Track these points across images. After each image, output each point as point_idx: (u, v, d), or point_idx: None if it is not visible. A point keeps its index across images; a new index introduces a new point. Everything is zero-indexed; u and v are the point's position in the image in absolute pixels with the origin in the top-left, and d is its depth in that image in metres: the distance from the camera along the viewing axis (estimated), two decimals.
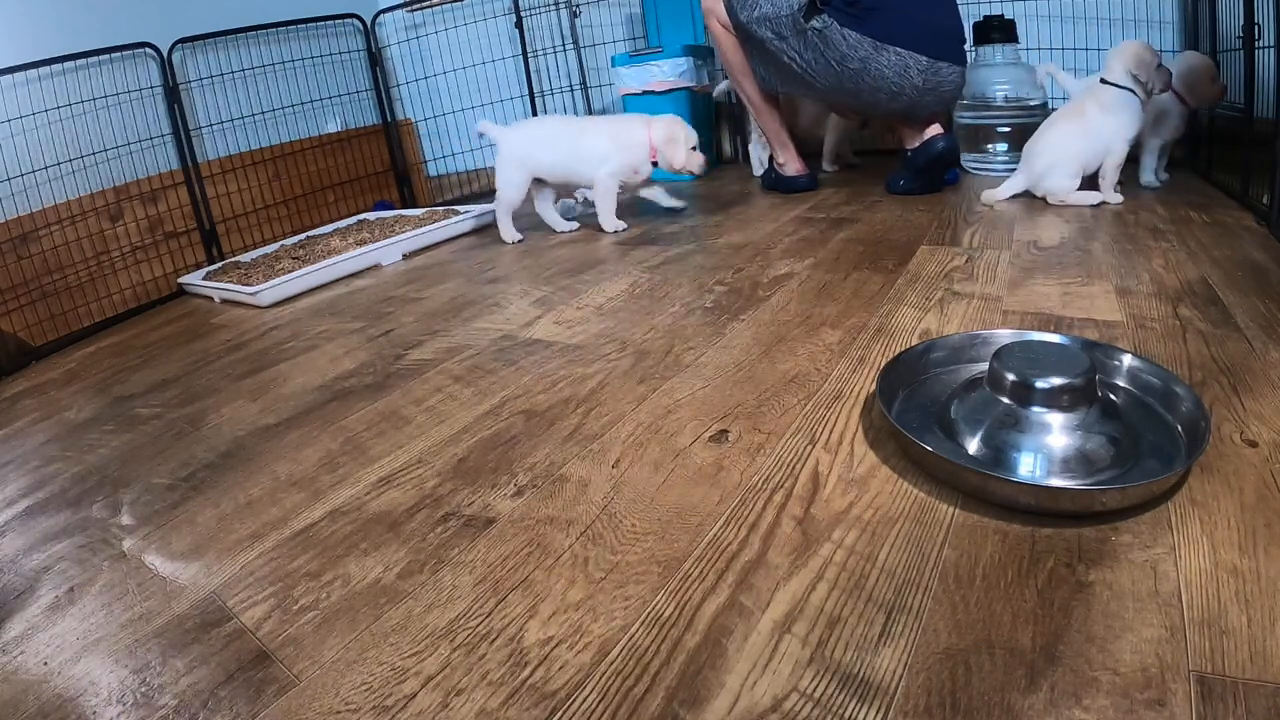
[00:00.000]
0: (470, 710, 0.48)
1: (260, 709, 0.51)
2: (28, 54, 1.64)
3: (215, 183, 2.04)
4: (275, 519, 0.74)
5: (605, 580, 0.58)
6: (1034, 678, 0.44)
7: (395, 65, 2.55)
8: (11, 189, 1.62)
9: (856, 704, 0.44)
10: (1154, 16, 1.78)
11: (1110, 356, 0.75)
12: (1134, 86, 1.40)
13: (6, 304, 1.59)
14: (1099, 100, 1.44)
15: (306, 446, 0.89)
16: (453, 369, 1.06)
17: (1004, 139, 1.84)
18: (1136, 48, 1.42)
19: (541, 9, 2.48)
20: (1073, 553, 0.54)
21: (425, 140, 2.65)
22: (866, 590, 0.53)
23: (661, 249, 1.54)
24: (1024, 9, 1.90)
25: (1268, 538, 0.53)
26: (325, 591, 0.62)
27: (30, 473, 0.97)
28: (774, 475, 0.68)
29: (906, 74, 1.59)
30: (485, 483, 0.75)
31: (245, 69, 2.12)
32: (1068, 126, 1.45)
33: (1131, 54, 1.41)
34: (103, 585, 0.69)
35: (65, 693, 0.56)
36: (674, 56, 2.15)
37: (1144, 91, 1.41)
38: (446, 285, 1.52)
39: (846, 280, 1.19)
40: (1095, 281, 1.05)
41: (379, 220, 2.12)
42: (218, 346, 1.38)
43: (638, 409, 0.85)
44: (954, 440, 0.66)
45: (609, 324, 1.14)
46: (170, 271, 1.92)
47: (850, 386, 0.84)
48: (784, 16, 1.66)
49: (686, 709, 0.45)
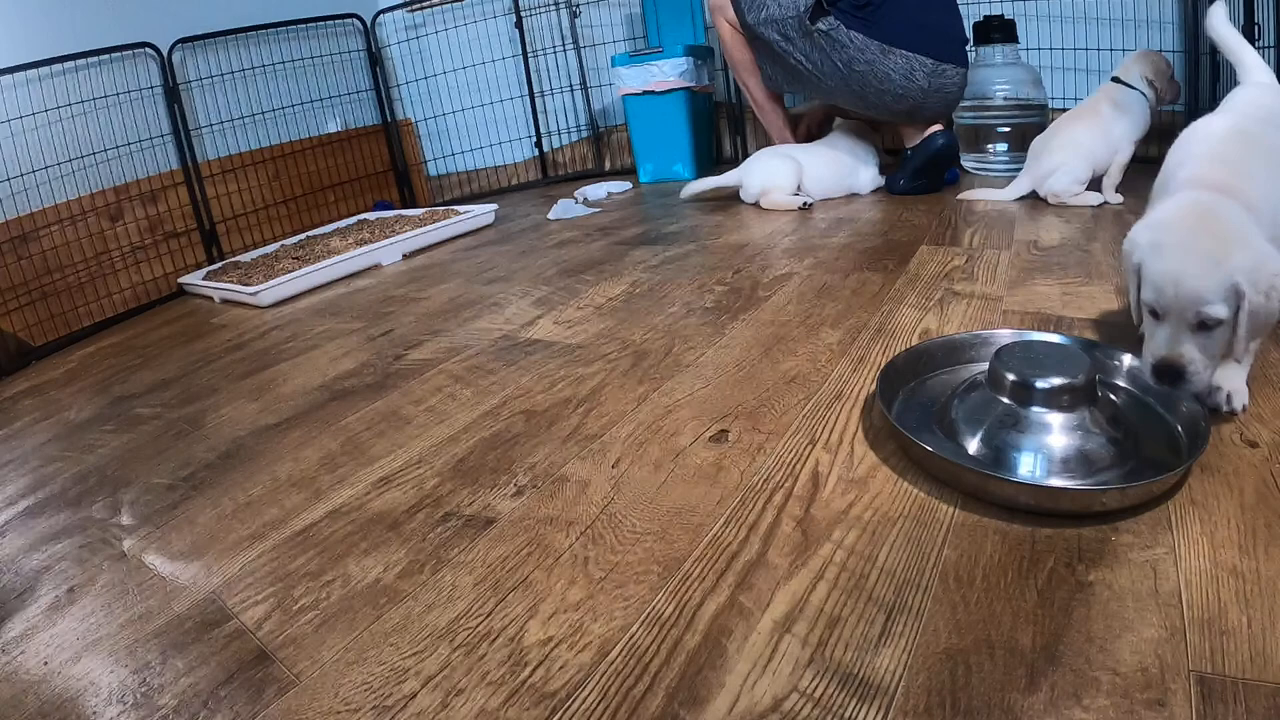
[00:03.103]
0: (470, 710, 0.48)
1: (260, 709, 0.51)
2: (28, 54, 1.64)
3: (215, 183, 2.04)
4: (275, 519, 0.74)
5: (605, 580, 0.58)
6: (1034, 678, 0.44)
7: (395, 65, 2.55)
8: (11, 189, 1.62)
9: (856, 704, 0.44)
10: (1154, 16, 1.77)
11: (1110, 356, 0.75)
12: (1146, 90, 1.43)
13: (6, 304, 1.58)
14: (1113, 98, 1.44)
15: (306, 446, 0.89)
16: (453, 369, 1.06)
17: (1004, 139, 1.84)
18: (1156, 57, 1.46)
19: (541, 9, 2.48)
20: (1073, 553, 0.54)
21: (425, 140, 2.65)
22: (866, 590, 0.53)
23: (661, 249, 1.54)
24: (1024, 9, 1.90)
25: (1268, 538, 0.53)
26: (325, 591, 0.62)
27: (30, 473, 0.97)
28: (774, 475, 0.68)
29: (912, 76, 1.59)
30: (485, 483, 0.74)
31: (245, 69, 2.12)
32: (1081, 125, 1.45)
33: (1151, 61, 1.44)
34: (103, 585, 0.69)
35: (65, 693, 0.56)
36: (674, 56, 2.15)
37: (1155, 98, 1.43)
38: (446, 285, 1.52)
39: (846, 280, 1.19)
40: (1095, 281, 1.05)
41: (379, 220, 2.12)
42: (218, 346, 1.38)
43: (638, 409, 0.85)
44: (954, 440, 0.66)
45: (609, 324, 1.14)
46: (170, 271, 1.92)
47: (850, 386, 0.83)
48: (790, 18, 1.66)
49: (686, 709, 0.45)
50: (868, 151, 1.85)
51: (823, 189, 1.79)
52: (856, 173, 1.82)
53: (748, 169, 1.82)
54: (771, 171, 1.77)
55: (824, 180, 1.79)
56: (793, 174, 1.75)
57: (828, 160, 1.80)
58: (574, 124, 2.61)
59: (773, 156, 1.81)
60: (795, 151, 1.81)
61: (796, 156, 1.78)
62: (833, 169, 1.80)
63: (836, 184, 1.80)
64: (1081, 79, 1.88)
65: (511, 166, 2.66)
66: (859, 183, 1.82)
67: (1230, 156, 0.69)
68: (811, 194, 1.77)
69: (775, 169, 1.77)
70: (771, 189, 1.75)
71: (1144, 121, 1.43)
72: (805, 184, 1.77)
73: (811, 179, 1.77)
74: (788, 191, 1.75)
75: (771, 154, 1.82)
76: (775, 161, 1.79)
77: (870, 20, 1.59)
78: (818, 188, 1.78)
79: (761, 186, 1.77)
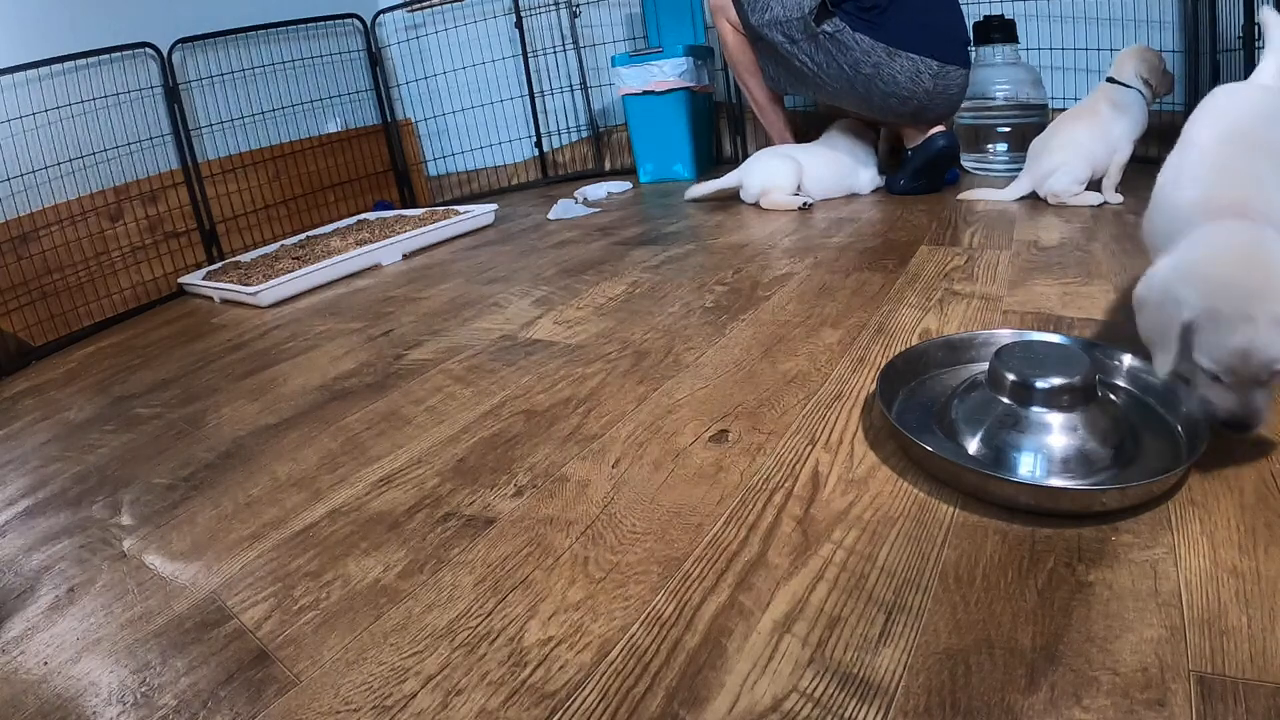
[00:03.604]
0: (470, 710, 0.48)
1: (260, 709, 0.51)
2: (28, 54, 1.64)
3: (215, 183, 2.04)
4: (275, 519, 0.74)
5: (605, 580, 0.58)
6: (1034, 678, 0.44)
7: (395, 65, 2.55)
8: (11, 189, 1.62)
9: (856, 704, 0.44)
10: (1154, 16, 1.77)
11: (1110, 356, 0.75)
12: (1142, 88, 1.43)
13: (6, 304, 1.58)
14: (1111, 99, 1.44)
15: (306, 446, 0.89)
16: (453, 369, 1.06)
17: (1004, 139, 1.84)
18: (1147, 51, 1.46)
19: (541, 9, 2.48)
20: (1073, 553, 0.54)
21: (425, 140, 2.65)
22: (866, 590, 0.53)
23: (661, 249, 1.54)
24: (1024, 9, 1.90)
25: (1268, 538, 0.53)
26: (325, 591, 0.62)
27: (30, 473, 0.97)
28: (774, 475, 0.68)
29: (918, 79, 1.59)
30: (485, 483, 0.74)
31: (245, 69, 2.12)
32: (1080, 125, 1.45)
33: (1143, 58, 1.45)
34: (103, 585, 0.69)
35: (65, 693, 0.56)
36: (674, 56, 2.15)
37: (1151, 94, 1.44)
38: (446, 285, 1.52)
39: (846, 280, 1.19)
40: (1095, 281, 1.05)
41: (379, 220, 2.12)
42: (218, 346, 1.38)
43: (638, 409, 0.85)
44: (954, 440, 0.66)
45: (609, 324, 1.14)
46: (170, 271, 1.91)
47: (850, 386, 0.84)
48: (795, 20, 1.66)
49: (686, 709, 0.45)
50: (866, 151, 1.85)
51: (823, 189, 1.79)
52: (856, 173, 1.82)
53: (748, 169, 1.82)
54: (772, 172, 1.77)
55: (824, 180, 1.79)
56: (793, 174, 1.75)
57: (828, 160, 1.80)
58: (574, 124, 2.61)
59: (773, 157, 1.81)
60: (795, 152, 1.81)
61: (797, 157, 1.79)
62: (833, 169, 1.80)
63: (836, 184, 1.81)
64: (1081, 79, 1.88)
65: (511, 166, 2.66)
66: (858, 182, 1.82)
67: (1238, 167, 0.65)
68: (811, 194, 1.77)
69: (775, 169, 1.77)
70: (771, 189, 1.76)
71: (1142, 120, 1.44)
72: (805, 184, 1.77)
73: (811, 179, 1.77)
74: (788, 191, 1.75)
75: (771, 154, 1.82)
76: (775, 162, 1.79)
77: (877, 23, 1.59)
78: (818, 188, 1.78)
79: (762, 186, 1.77)
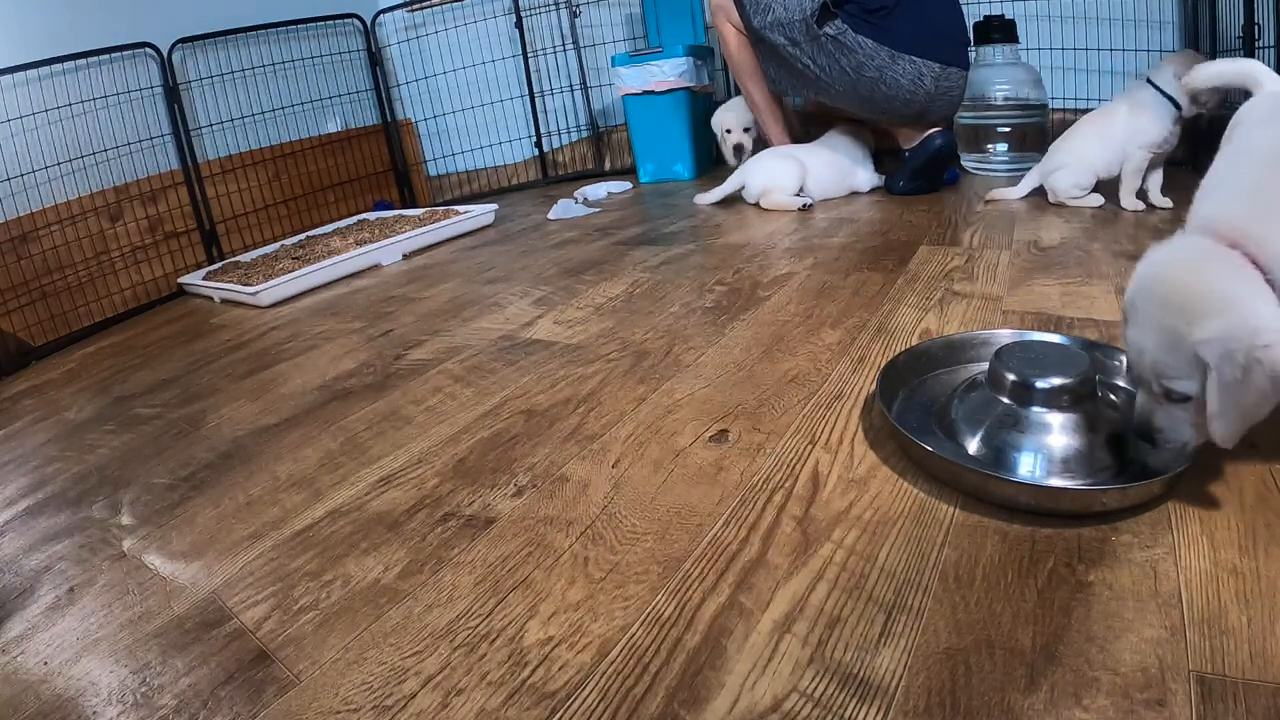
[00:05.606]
0: (470, 710, 0.48)
1: (260, 709, 0.51)
2: (27, 54, 1.64)
3: (215, 183, 2.04)
4: (275, 519, 0.74)
5: (605, 580, 0.58)
6: (1034, 678, 0.44)
7: (395, 65, 2.55)
8: (11, 189, 1.62)
9: (856, 704, 0.44)
10: (1154, 16, 1.77)
11: (1110, 356, 0.75)
12: (1178, 96, 1.31)
13: (6, 304, 1.58)
14: (1132, 101, 1.37)
15: (306, 446, 0.89)
16: (453, 369, 1.06)
17: (1004, 139, 1.84)
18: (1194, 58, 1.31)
19: (541, 9, 2.48)
20: (1073, 553, 0.54)
21: (425, 140, 2.65)
22: (866, 590, 0.53)
23: (661, 249, 1.54)
24: (1024, 9, 1.90)
25: (1268, 538, 0.53)
26: (325, 591, 0.62)
27: (30, 473, 0.97)
28: (774, 475, 0.68)
29: (921, 81, 1.59)
30: (485, 483, 0.74)
31: (245, 69, 2.12)
32: (1091, 128, 1.42)
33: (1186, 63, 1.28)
34: (103, 585, 0.69)
35: (65, 693, 0.56)
36: (674, 56, 2.15)
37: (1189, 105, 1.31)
38: (446, 285, 1.52)
39: (846, 280, 1.19)
40: (1095, 281, 1.05)
41: (379, 220, 2.12)
42: (218, 346, 1.38)
43: (638, 409, 0.85)
44: (954, 440, 0.66)
45: (609, 324, 1.14)
46: (170, 271, 1.92)
47: (850, 386, 0.83)
48: (797, 22, 1.65)
49: (686, 709, 0.45)
50: (864, 151, 1.85)
51: (823, 189, 1.79)
52: (855, 173, 1.82)
53: (749, 169, 1.82)
54: (773, 172, 1.77)
55: (824, 180, 1.79)
56: (796, 175, 1.75)
57: (828, 161, 1.80)
58: (574, 124, 2.61)
59: (774, 157, 1.81)
60: (797, 152, 1.81)
61: (798, 157, 1.79)
62: (833, 169, 1.80)
63: (837, 184, 1.81)
64: (1081, 79, 1.88)
65: (511, 166, 2.66)
66: (858, 182, 1.82)
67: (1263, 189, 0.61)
68: (812, 194, 1.77)
69: (777, 169, 1.77)
70: (773, 189, 1.76)
71: (1161, 129, 1.33)
72: (806, 184, 1.77)
73: (812, 179, 1.77)
74: (789, 192, 1.75)
75: (773, 155, 1.82)
76: (777, 162, 1.79)
77: (880, 25, 1.59)
78: (818, 188, 1.78)
79: (763, 187, 1.77)
